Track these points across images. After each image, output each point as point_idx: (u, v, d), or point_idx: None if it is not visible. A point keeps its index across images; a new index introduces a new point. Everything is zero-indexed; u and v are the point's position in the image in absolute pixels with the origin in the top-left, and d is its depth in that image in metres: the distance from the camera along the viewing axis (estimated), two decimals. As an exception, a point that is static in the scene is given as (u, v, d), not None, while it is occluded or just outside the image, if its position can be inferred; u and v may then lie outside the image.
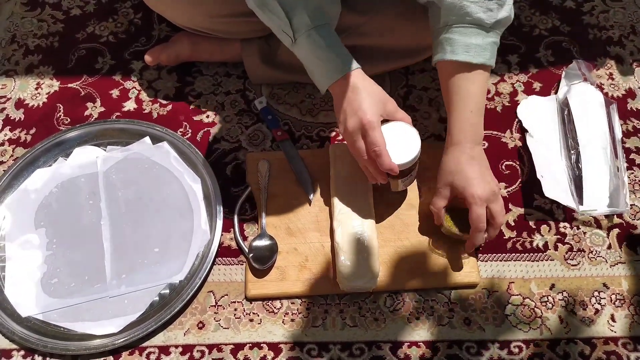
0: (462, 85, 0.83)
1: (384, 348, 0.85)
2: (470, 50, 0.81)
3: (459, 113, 0.84)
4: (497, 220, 0.82)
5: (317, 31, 0.80)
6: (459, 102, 0.84)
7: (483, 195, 0.81)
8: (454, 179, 0.83)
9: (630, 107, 1.07)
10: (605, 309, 0.88)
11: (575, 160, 0.96)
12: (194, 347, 0.85)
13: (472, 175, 0.82)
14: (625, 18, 1.18)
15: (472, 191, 0.81)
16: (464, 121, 0.84)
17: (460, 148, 0.84)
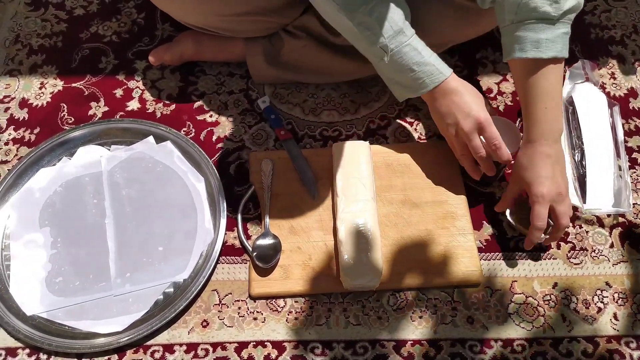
0: (534, 82, 0.82)
1: (388, 346, 0.85)
2: (540, 46, 0.80)
3: (533, 110, 0.83)
4: (560, 221, 0.83)
5: (412, 41, 0.84)
6: (532, 99, 0.83)
7: (548, 195, 0.82)
8: (524, 175, 0.84)
9: (632, 107, 1.07)
10: (608, 307, 0.88)
11: (580, 158, 0.97)
12: (198, 346, 0.86)
13: (542, 173, 0.83)
14: (628, 17, 1.19)
15: (537, 189, 0.82)
16: (538, 119, 0.83)
17: (535, 145, 0.84)
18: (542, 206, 0.83)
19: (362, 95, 1.09)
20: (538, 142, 0.83)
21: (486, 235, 0.94)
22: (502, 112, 1.06)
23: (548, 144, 0.83)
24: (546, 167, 0.83)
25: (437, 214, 0.94)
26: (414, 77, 0.86)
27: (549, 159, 0.83)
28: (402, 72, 0.87)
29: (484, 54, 1.14)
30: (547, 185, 0.82)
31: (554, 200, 0.83)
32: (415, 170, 0.98)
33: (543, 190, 0.82)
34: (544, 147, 0.83)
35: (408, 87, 0.89)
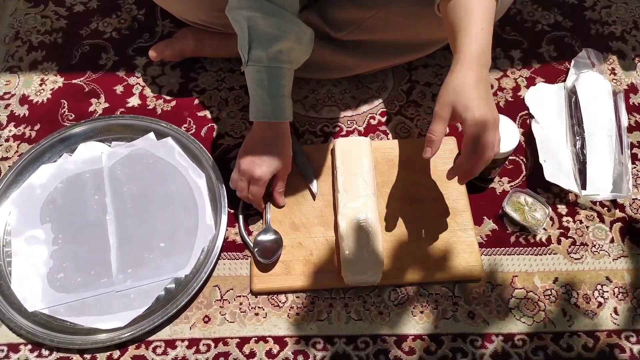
0: (470, 5, 0.75)
1: (389, 341, 0.85)
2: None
3: (469, 29, 0.74)
4: (489, 153, 0.75)
5: (266, 72, 0.82)
6: (469, 19, 0.75)
7: (486, 119, 0.72)
8: (456, 98, 0.73)
9: (632, 102, 1.07)
10: (608, 302, 0.88)
11: (581, 146, 0.97)
12: (200, 341, 0.86)
13: (476, 95, 0.73)
14: (628, 13, 1.19)
15: (476, 112, 0.72)
16: (474, 38, 0.74)
17: (468, 67, 0.74)
18: (489, 131, 0.73)
19: (362, 91, 1.09)
20: (472, 63, 0.74)
21: (487, 230, 0.94)
22: (503, 108, 1.06)
23: (480, 68, 0.74)
24: (480, 91, 0.73)
25: (438, 209, 0.94)
26: (255, 104, 0.86)
27: (484, 82, 0.74)
28: (251, 90, 0.85)
29: (484, 49, 1.13)
30: (484, 108, 0.72)
31: (490, 126, 0.73)
32: (416, 166, 0.98)
33: (482, 113, 0.72)
34: (477, 70, 0.74)
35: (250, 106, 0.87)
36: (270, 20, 0.78)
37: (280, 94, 0.84)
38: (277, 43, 0.80)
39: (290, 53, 0.82)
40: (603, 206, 0.96)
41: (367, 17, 0.98)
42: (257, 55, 0.81)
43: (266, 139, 0.87)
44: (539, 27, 1.17)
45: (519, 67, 1.12)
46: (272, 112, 0.85)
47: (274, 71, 0.82)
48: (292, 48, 0.82)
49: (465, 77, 0.73)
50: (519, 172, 1.00)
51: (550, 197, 0.97)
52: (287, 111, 0.86)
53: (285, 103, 0.85)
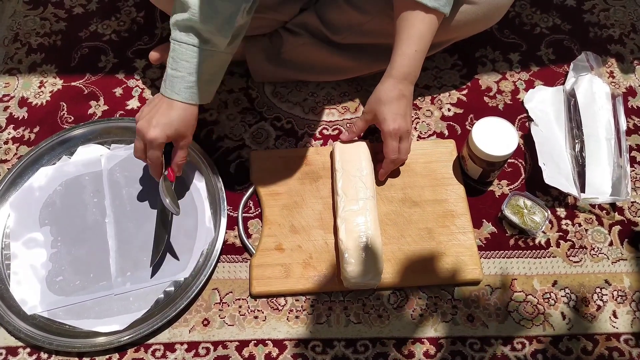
0: (412, 24, 0.86)
1: (388, 344, 0.85)
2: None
3: (405, 48, 0.87)
4: (402, 156, 0.92)
5: (171, 44, 0.83)
6: (408, 39, 0.87)
7: (399, 131, 0.89)
8: (380, 109, 0.89)
9: (631, 105, 1.07)
10: (607, 305, 0.88)
11: (580, 149, 0.98)
12: (199, 344, 0.86)
13: (396, 110, 0.89)
14: (626, 16, 1.19)
15: (391, 125, 0.88)
16: (408, 58, 0.87)
17: (396, 82, 0.88)
18: (394, 140, 0.90)
19: (362, 93, 1.09)
20: (399, 81, 0.88)
21: (486, 233, 0.94)
22: (501, 110, 1.07)
23: (406, 85, 0.89)
24: (401, 105, 0.89)
25: (437, 212, 0.94)
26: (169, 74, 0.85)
27: (405, 99, 0.89)
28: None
29: (483, 52, 1.14)
30: (399, 122, 0.88)
31: (402, 136, 0.90)
32: (415, 168, 0.98)
33: (395, 126, 0.88)
34: (403, 87, 0.89)
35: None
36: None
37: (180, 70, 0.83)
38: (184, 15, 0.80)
39: (197, 31, 0.81)
40: (602, 209, 0.96)
41: (365, 21, 0.98)
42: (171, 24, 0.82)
43: (170, 103, 0.84)
44: (537, 30, 1.17)
45: (518, 70, 1.12)
46: (168, 88, 0.84)
47: (175, 47, 0.83)
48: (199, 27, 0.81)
49: (391, 92, 0.88)
50: (518, 175, 1.00)
51: (549, 200, 0.97)
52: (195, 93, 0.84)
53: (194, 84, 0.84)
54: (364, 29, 1.00)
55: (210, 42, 0.83)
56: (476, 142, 0.89)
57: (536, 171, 0.97)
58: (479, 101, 1.08)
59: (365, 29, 1.00)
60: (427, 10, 0.85)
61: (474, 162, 0.92)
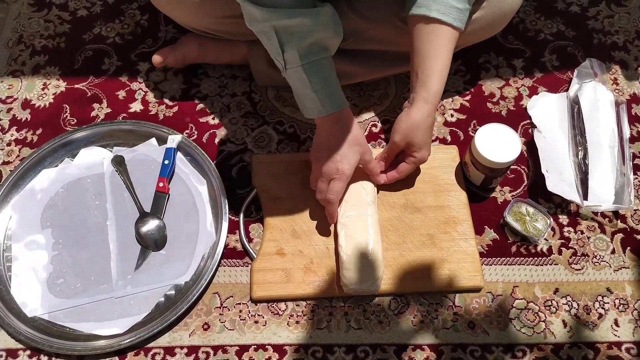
0: (443, 44, 0.85)
1: (389, 351, 0.85)
2: (453, 14, 0.83)
3: (435, 64, 0.85)
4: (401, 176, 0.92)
5: (304, 70, 0.80)
6: (442, 60, 0.85)
7: (425, 161, 0.90)
8: (415, 135, 0.87)
9: (635, 112, 1.07)
10: (609, 313, 0.88)
11: (583, 156, 0.97)
12: (199, 348, 0.86)
13: (429, 138, 0.89)
14: (630, 23, 1.19)
15: (426, 155, 0.89)
16: (442, 81, 0.86)
17: (431, 108, 0.86)
18: (414, 167, 0.90)
19: (364, 98, 1.09)
20: (432, 105, 0.86)
21: (488, 240, 0.94)
22: (504, 117, 1.06)
23: (435, 110, 0.87)
24: (430, 131, 0.89)
25: (439, 218, 0.94)
26: (303, 105, 0.86)
27: (432, 125, 0.88)
28: (296, 93, 0.86)
29: (486, 58, 1.14)
30: (428, 151, 0.89)
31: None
32: (417, 174, 0.98)
33: (426, 156, 0.89)
34: (433, 112, 0.87)
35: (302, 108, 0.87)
36: (292, 21, 0.78)
37: (326, 85, 0.83)
38: (305, 39, 0.79)
39: (319, 43, 0.81)
40: (604, 217, 0.96)
41: (368, 29, 0.98)
42: (291, 57, 0.80)
43: (335, 132, 0.85)
44: (541, 36, 1.17)
45: (522, 76, 1.12)
46: (327, 104, 0.83)
47: (312, 66, 0.81)
48: (320, 38, 0.80)
49: (429, 119, 0.86)
50: (520, 181, 1.00)
51: (552, 208, 0.97)
52: (339, 99, 0.85)
53: (334, 91, 0.84)
54: (367, 36, 1.00)
55: (330, 49, 0.83)
56: (479, 148, 0.89)
57: (539, 178, 0.97)
58: (482, 107, 1.08)
59: (369, 36, 1.00)
60: (453, 30, 0.84)
61: (476, 168, 0.92)
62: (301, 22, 0.77)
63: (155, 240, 0.92)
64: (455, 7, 0.83)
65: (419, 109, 0.86)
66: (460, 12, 0.83)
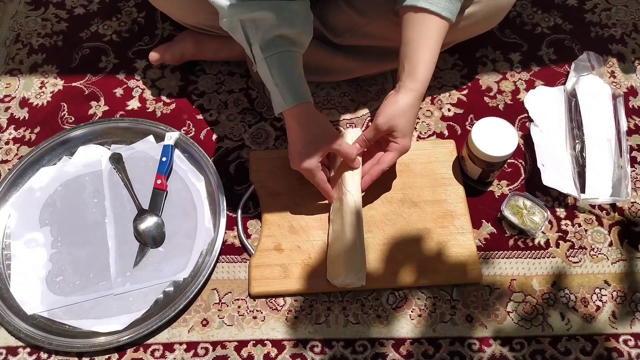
0: (432, 35, 0.84)
1: (387, 345, 0.85)
2: (441, 3, 0.83)
3: (424, 54, 0.84)
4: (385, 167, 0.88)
5: (267, 62, 0.81)
6: (427, 49, 0.84)
7: (407, 150, 0.87)
8: (401, 123, 0.84)
9: (632, 105, 1.07)
10: (607, 305, 0.88)
11: (580, 149, 0.97)
12: (198, 344, 0.86)
13: (413, 125, 0.86)
14: (628, 16, 1.18)
15: (408, 142, 0.86)
16: (430, 70, 0.85)
17: (417, 95, 0.84)
18: (399, 156, 0.87)
19: (361, 94, 1.09)
20: (421, 94, 0.85)
21: (485, 234, 0.94)
22: (502, 110, 1.06)
23: (420, 96, 0.85)
24: (414, 122, 0.87)
25: (437, 212, 0.94)
26: (271, 97, 0.85)
27: (417, 115, 0.87)
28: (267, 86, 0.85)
29: (483, 52, 1.14)
30: (411, 140, 0.87)
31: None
32: (414, 169, 0.98)
33: (409, 145, 0.87)
34: (419, 99, 0.85)
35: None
36: (256, 14, 0.78)
37: (288, 78, 0.82)
38: (268, 32, 0.79)
39: (285, 37, 0.81)
40: (602, 210, 0.96)
41: (365, 24, 0.98)
42: (257, 50, 0.81)
43: (298, 128, 0.84)
44: (538, 30, 1.17)
45: (519, 69, 1.12)
46: (289, 98, 0.82)
47: (274, 59, 0.81)
48: (286, 33, 0.80)
49: (415, 106, 0.85)
50: (517, 175, 1.00)
51: (549, 201, 0.97)
52: (302, 93, 0.83)
53: (297, 85, 0.83)
54: (364, 32, 1.00)
55: (298, 44, 0.83)
56: (476, 142, 0.89)
57: (536, 172, 0.97)
58: (479, 101, 1.08)
59: (365, 31, 1.00)
60: (441, 20, 0.83)
61: (473, 162, 0.92)
62: (264, 15, 0.78)
63: (154, 237, 0.92)
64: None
65: (406, 95, 0.84)
66: (449, 2, 0.83)
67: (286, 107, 0.83)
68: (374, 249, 0.91)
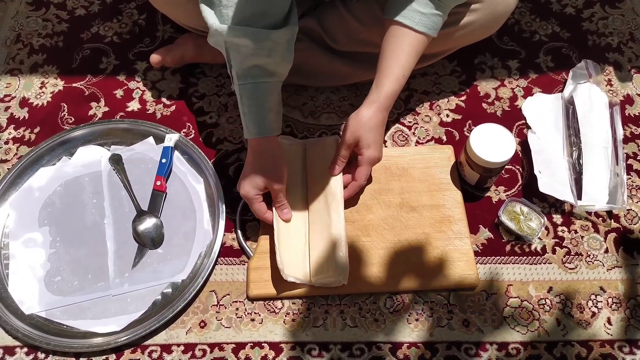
0: (403, 48, 0.85)
1: (384, 348, 0.86)
2: (415, 17, 0.83)
3: (393, 70, 0.85)
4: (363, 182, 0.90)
5: (240, 89, 0.83)
6: (398, 56, 0.85)
7: (378, 160, 0.89)
8: (365, 135, 0.86)
9: (628, 113, 1.08)
10: (602, 312, 0.89)
11: (577, 156, 0.98)
12: (196, 346, 0.86)
13: (379, 138, 0.88)
14: (624, 25, 1.20)
15: (374, 153, 0.87)
16: (396, 83, 0.86)
17: (381, 108, 0.86)
18: (370, 167, 0.89)
19: (361, 98, 1.09)
20: (383, 106, 0.86)
21: (482, 239, 0.95)
22: (499, 117, 1.07)
23: (387, 111, 0.87)
24: (382, 133, 0.88)
25: (434, 217, 0.94)
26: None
27: (383, 126, 0.88)
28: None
29: (482, 59, 1.15)
30: (380, 150, 0.88)
31: (375, 164, 0.90)
32: (413, 173, 0.99)
33: (378, 155, 0.88)
34: (385, 113, 0.87)
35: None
36: (243, 40, 0.79)
37: (256, 109, 0.84)
38: (246, 60, 0.81)
39: (263, 67, 0.82)
40: (598, 216, 0.97)
41: (363, 31, 0.99)
42: (234, 74, 0.83)
43: (254, 156, 0.87)
44: (536, 38, 1.18)
45: (517, 76, 1.13)
46: (251, 129, 0.85)
47: (247, 88, 0.83)
48: (264, 63, 0.82)
49: (377, 119, 0.86)
50: (515, 181, 1.00)
51: (546, 207, 0.98)
52: (264, 127, 0.85)
53: (263, 118, 0.84)
54: (362, 38, 1.00)
55: (275, 74, 0.84)
56: (474, 148, 0.90)
57: (533, 178, 0.97)
58: (478, 107, 1.09)
59: (364, 38, 1.00)
60: (415, 34, 0.84)
61: (471, 168, 0.93)
62: (245, 42, 0.79)
63: (153, 238, 0.92)
64: (418, 12, 0.83)
65: (368, 107, 0.86)
66: (424, 16, 0.83)
67: (248, 137, 0.86)
68: (372, 253, 0.91)
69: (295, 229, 0.90)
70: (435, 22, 0.85)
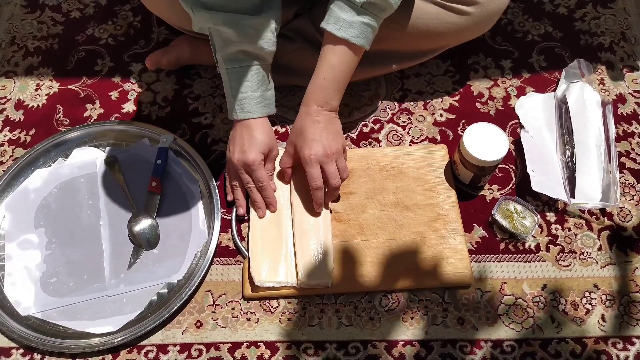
0: (324, 54, 0.87)
1: (379, 347, 0.86)
2: (338, 24, 0.84)
3: (314, 78, 0.88)
4: (330, 182, 0.88)
5: (227, 73, 0.88)
6: (317, 68, 0.88)
7: (315, 156, 0.87)
8: (296, 139, 0.89)
9: (621, 112, 1.09)
10: (596, 309, 0.89)
11: (570, 155, 0.99)
12: (192, 346, 0.86)
13: (311, 136, 0.87)
14: (616, 25, 1.21)
15: (305, 152, 0.87)
16: (316, 85, 0.88)
17: (307, 109, 0.89)
18: (312, 167, 0.87)
19: (355, 99, 1.10)
20: (310, 107, 0.88)
21: (477, 237, 0.95)
22: (493, 117, 1.08)
23: (318, 111, 0.88)
24: (315, 130, 0.88)
25: (429, 216, 0.95)
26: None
27: (318, 125, 0.88)
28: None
29: (475, 59, 1.15)
30: (314, 147, 0.87)
31: (322, 161, 0.87)
32: (407, 173, 0.99)
33: (310, 152, 0.86)
34: (314, 114, 0.88)
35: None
36: (223, 27, 0.83)
37: (244, 92, 0.88)
38: (229, 46, 0.85)
39: (247, 52, 0.86)
40: (591, 214, 0.98)
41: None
42: (219, 58, 0.87)
43: (248, 126, 0.90)
44: (529, 38, 1.19)
45: (510, 76, 1.13)
46: (239, 113, 0.89)
47: (235, 72, 0.87)
48: (246, 48, 0.86)
49: (305, 121, 0.88)
50: (508, 180, 1.01)
51: (539, 205, 0.98)
52: (247, 110, 0.89)
53: (250, 100, 0.89)
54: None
55: (261, 58, 0.88)
56: (467, 147, 0.90)
57: (526, 176, 0.98)
58: (471, 107, 1.09)
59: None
60: (336, 41, 0.85)
61: (465, 167, 0.93)
62: (226, 29, 0.82)
63: (148, 239, 0.93)
64: (343, 19, 0.83)
65: (299, 116, 0.90)
66: (346, 23, 0.83)
67: (236, 119, 0.90)
68: (367, 252, 0.92)
69: (273, 231, 0.92)
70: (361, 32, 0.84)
